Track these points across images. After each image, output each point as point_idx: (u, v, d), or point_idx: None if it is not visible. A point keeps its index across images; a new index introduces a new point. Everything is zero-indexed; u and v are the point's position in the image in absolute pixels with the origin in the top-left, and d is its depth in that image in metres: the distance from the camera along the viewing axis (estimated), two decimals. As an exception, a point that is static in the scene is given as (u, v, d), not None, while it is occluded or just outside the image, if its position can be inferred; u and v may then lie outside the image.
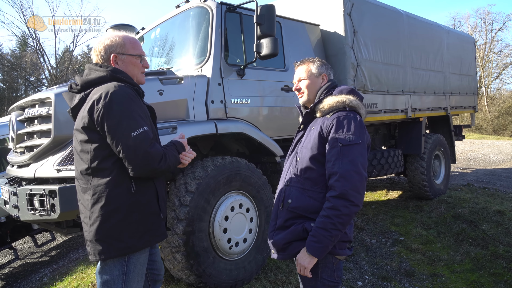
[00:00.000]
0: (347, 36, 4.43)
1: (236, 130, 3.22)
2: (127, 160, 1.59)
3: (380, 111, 4.97)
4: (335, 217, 1.50)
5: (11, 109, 3.38)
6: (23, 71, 26.92)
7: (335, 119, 1.62)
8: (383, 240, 4.59)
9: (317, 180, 1.64)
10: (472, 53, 7.55)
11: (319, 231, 1.52)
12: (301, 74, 1.85)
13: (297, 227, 1.63)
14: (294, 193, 1.68)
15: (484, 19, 30.67)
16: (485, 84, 29.46)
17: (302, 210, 1.64)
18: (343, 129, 1.59)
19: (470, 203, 5.57)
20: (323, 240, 1.52)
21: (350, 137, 1.57)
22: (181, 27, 3.82)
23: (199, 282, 2.88)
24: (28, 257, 5.94)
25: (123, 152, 1.58)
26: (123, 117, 1.59)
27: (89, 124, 1.61)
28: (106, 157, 1.63)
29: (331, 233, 1.50)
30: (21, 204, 2.62)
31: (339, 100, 1.68)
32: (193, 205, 2.79)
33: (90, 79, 1.69)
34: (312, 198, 1.63)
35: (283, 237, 1.67)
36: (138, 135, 1.59)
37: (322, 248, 1.53)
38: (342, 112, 1.66)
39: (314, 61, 1.85)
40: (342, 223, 1.50)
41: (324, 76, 1.83)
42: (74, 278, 3.84)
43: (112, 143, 1.59)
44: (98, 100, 1.59)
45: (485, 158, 11.75)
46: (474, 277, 3.50)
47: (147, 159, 1.60)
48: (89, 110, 1.60)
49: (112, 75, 1.69)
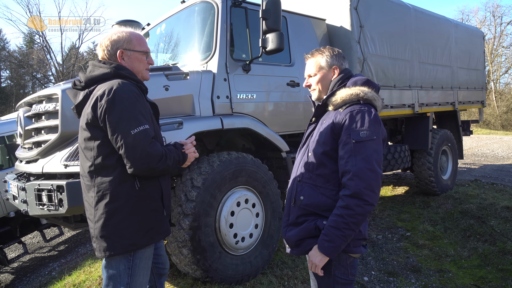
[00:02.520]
0: (353, 31, 4.39)
1: (242, 126, 3.22)
2: (125, 158, 1.59)
3: (387, 106, 4.93)
4: (348, 217, 1.44)
5: (19, 105, 3.42)
6: (30, 68, 27.16)
7: (348, 114, 1.54)
8: (390, 236, 4.57)
9: (329, 177, 1.58)
10: (480, 47, 7.44)
11: (332, 230, 1.47)
12: (311, 69, 1.76)
13: (309, 224, 1.59)
14: (306, 190, 1.63)
15: (493, 13, 30.15)
16: (493, 78, 29.04)
17: (314, 207, 1.59)
18: (357, 124, 1.51)
19: (478, 198, 5.52)
20: (336, 240, 1.46)
21: (364, 133, 1.49)
22: (187, 23, 3.81)
23: (206, 277, 2.89)
24: (37, 252, 6.03)
25: (122, 149, 1.58)
26: (124, 114, 1.59)
27: (93, 120, 1.62)
28: (110, 154, 1.63)
29: (344, 233, 1.45)
30: (29, 199, 2.65)
31: (353, 92, 1.59)
32: (199, 200, 2.80)
33: (93, 76, 1.69)
34: (325, 195, 1.58)
35: (296, 234, 1.63)
36: (137, 133, 1.58)
37: (334, 247, 1.48)
38: (356, 106, 1.57)
39: (323, 53, 1.75)
40: (355, 222, 1.45)
41: (335, 69, 1.73)
42: (82, 272, 3.88)
43: (113, 139, 1.59)
44: (102, 96, 1.59)
45: (493, 153, 11.62)
46: (482, 273, 3.48)
47: (146, 158, 1.59)
48: (92, 107, 1.61)
49: (116, 71, 1.69)
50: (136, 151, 1.57)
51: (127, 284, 1.70)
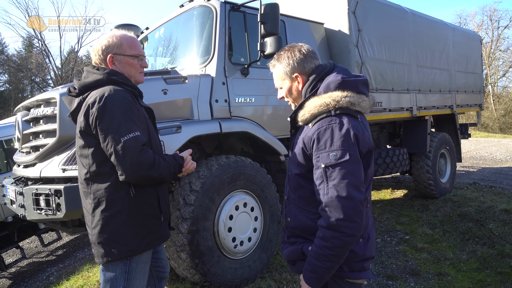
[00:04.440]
0: (351, 35, 4.41)
1: (241, 129, 3.22)
2: (116, 165, 1.59)
3: (385, 110, 4.94)
4: (326, 249, 1.27)
5: (17, 109, 3.41)
6: (29, 72, 27.15)
7: (316, 133, 1.32)
8: (388, 239, 4.56)
9: (309, 199, 1.42)
10: (478, 51, 7.48)
11: (313, 260, 1.31)
12: (276, 81, 1.57)
13: (297, 247, 1.46)
14: (292, 211, 1.50)
15: (490, 17, 30.39)
16: (491, 82, 29.17)
17: (300, 230, 1.46)
18: (325, 145, 1.29)
19: (476, 201, 5.52)
20: (318, 271, 1.30)
21: (334, 154, 1.26)
22: (185, 27, 3.82)
23: (204, 281, 2.88)
24: (34, 256, 6.00)
25: (112, 156, 1.58)
26: (114, 121, 1.57)
27: (86, 128, 1.62)
28: (104, 162, 1.63)
29: (325, 265, 1.29)
30: (27, 203, 2.64)
31: (322, 103, 1.34)
32: (198, 204, 2.79)
33: (87, 83, 1.69)
34: (309, 218, 1.42)
35: (288, 254, 1.53)
36: (127, 140, 1.56)
37: (317, 278, 1.31)
38: (325, 120, 1.32)
39: (280, 61, 1.52)
40: (335, 255, 1.26)
41: (297, 77, 1.49)
42: (80, 277, 3.86)
43: (104, 147, 1.60)
44: (93, 104, 1.59)
45: (491, 156, 11.64)
46: (481, 276, 3.47)
47: (135, 166, 1.57)
48: (85, 114, 1.61)
49: (109, 77, 1.68)
50: (125, 158, 1.56)
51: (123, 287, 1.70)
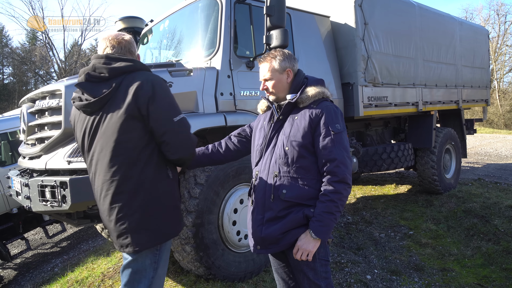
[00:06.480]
0: (357, 28, 4.36)
1: (246, 123, 3.17)
2: (169, 144, 1.63)
3: (391, 104, 4.90)
4: (338, 200, 1.61)
5: (22, 101, 3.41)
6: (33, 65, 27.20)
7: (324, 109, 1.70)
8: (392, 234, 4.55)
9: (309, 168, 1.70)
10: (485, 45, 7.39)
11: (325, 215, 1.60)
12: (265, 73, 1.82)
13: (296, 215, 1.67)
14: (286, 183, 1.70)
15: (497, 11, 30.04)
16: (497, 77, 28.89)
17: (299, 198, 1.68)
18: (332, 118, 1.69)
19: (481, 197, 5.49)
20: (330, 223, 1.62)
21: (338, 125, 1.69)
22: (190, 19, 3.79)
23: (208, 274, 2.89)
24: (39, 248, 6.05)
25: (166, 135, 1.61)
26: (166, 102, 1.64)
27: (132, 111, 1.57)
28: (146, 145, 1.63)
29: (336, 215, 1.62)
30: (33, 195, 2.65)
31: (319, 91, 1.77)
32: (203, 197, 2.79)
33: (120, 67, 1.62)
34: (307, 185, 1.68)
35: (280, 227, 1.68)
36: (180, 120, 1.67)
37: (328, 230, 1.63)
38: (326, 102, 1.76)
39: (275, 57, 1.81)
40: (343, 204, 1.64)
41: (289, 71, 1.81)
42: (85, 268, 3.89)
43: (156, 127, 1.60)
44: (141, 86, 1.58)
45: (496, 152, 11.56)
46: (486, 272, 3.46)
47: (188, 143, 1.70)
48: (134, 95, 1.56)
49: (141, 64, 1.70)
50: (181, 136, 1.66)
51: (152, 277, 1.71)
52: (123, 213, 1.61)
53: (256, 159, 1.87)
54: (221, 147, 2.09)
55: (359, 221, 4.96)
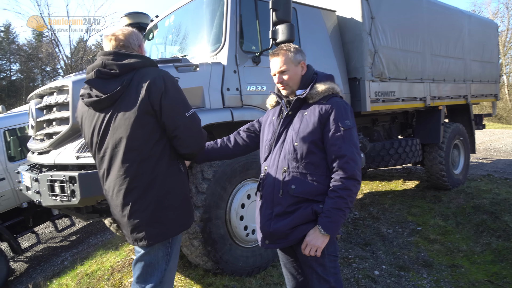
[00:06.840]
0: (364, 22, 4.31)
1: (252, 118, 3.18)
2: (182, 138, 1.65)
3: (398, 99, 4.86)
4: (348, 196, 1.61)
5: (30, 97, 3.44)
6: (39, 61, 27.40)
7: (334, 105, 1.70)
8: (400, 230, 4.53)
9: (318, 164, 1.69)
10: (494, 39, 7.27)
11: (334, 211, 1.60)
12: (281, 65, 1.81)
13: (305, 210, 1.67)
14: (295, 179, 1.70)
15: (506, 4, 29.56)
16: (506, 72, 28.44)
17: (308, 194, 1.68)
18: (342, 114, 1.68)
19: (491, 194, 5.43)
20: (339, 219, 1.61)
21: (348, 121, 1.68)
22: (196, 14, 3.77)
23: (216, 268, 2.90)
24: (49, 242, 6.15)
25: (178, 130, 1.63)
26: (178, 97, 1.66)
27: (145, 106, 1.58)
28: (158, 140, 1.64)
29: (345, 212, 1.62)
30: (42, 190, 2.68)
31: (329, 86, 1.77)
32: (210, 192, 2.80)
33: (130, 64, 1.62)
34: (316, 181, 1.68)
35: (289, 223, 1.69)
36: (191, 115, 1.69)
37: (337, 226, 1.63)
38: (336, 98, 1.75)
39: (290, 49, 1.81)
40: (352, 201, 1.63)
41: (303, 64, 1.82)
42: (94, 262, 3.94)
43: (168, 122, 1.62)
44: (154, 82, 1.59)
45: (506, 148, 11.41)
46: (496, 269, 3.43)
47: (199, 138, 1.73)
48: (146, 91, 1.57)
49: (150, 60, 1.71)
50: (193, 130, 1.69)
51: (164, 270, 1.73)
52: (136, 207, 1.63)
53: (265, 154, 1.86)
54: (230, 142, 2.09)
55: (366, 216, 4.93)
